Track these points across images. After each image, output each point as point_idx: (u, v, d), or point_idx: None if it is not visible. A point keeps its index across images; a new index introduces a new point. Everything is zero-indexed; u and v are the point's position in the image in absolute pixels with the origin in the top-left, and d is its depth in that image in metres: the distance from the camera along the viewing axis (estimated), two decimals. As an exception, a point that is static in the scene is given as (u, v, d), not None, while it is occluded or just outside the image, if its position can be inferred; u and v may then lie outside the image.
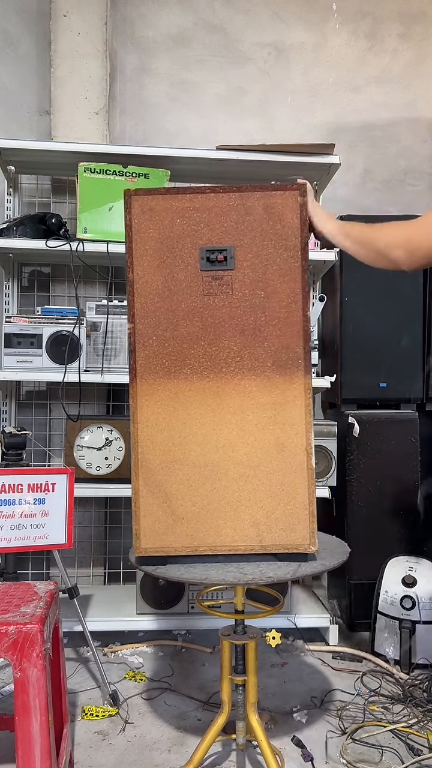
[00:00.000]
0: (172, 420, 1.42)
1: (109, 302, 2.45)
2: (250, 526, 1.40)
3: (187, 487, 1.42)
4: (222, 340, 1.42)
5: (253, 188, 1.44)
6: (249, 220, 1.42)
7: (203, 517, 1.41)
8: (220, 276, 1.42)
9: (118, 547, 2.87)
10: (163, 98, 3.05)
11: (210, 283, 1.43)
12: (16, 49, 2.91)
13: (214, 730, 1.54)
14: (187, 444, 1.42)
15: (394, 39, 3.16)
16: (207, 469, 1.41)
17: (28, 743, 1.27)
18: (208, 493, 1.41)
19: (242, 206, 1.43)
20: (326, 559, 1.45)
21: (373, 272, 2.57)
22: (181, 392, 1.42)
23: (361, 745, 1.80)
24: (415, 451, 2.56)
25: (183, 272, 1.44)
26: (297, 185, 1.44)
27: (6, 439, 2.00)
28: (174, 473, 1.42)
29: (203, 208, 1.44)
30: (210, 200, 1.43)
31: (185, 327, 1.43)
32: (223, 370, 1.41)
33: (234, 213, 1.43)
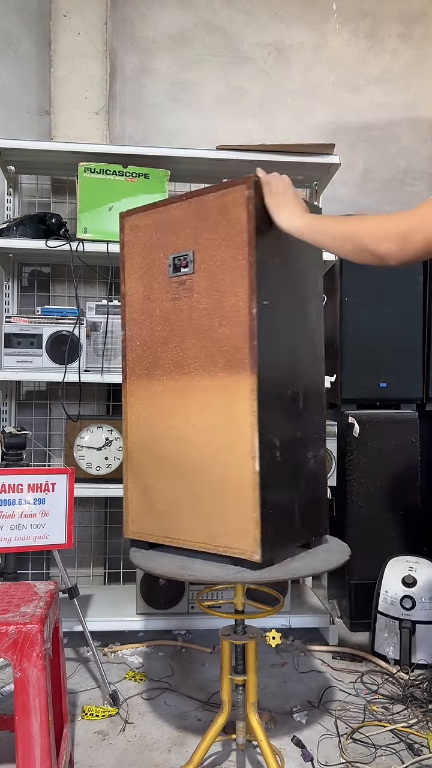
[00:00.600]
0: (150, 418, 1.54)
1: (109, 302, 2.45)
2: (205, 524, 1.43)
3: (159, 481, 1.52)
4: (185, 341, 1.48)
5: (209, 190, 1.43)
6: (206, 224, 1.44)
7: (170, 510, 1.50)
8: (184, 281, 1.48)
9: (118, 547, 2.87)
10: (163, 98, 3.06)
11: (177, 288, 1.50)
12: (16, 49, 2.91)
13: (214, 730, 1.54)
14: (161, 440, 1.51)
15: (394, 39, 3.16)
16: (175, 466, 1.49)
17: (28, 743, 1.27)
18: (174, 488, 1.49)
19: (201, 210, 1.45)
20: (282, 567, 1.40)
21: (373, 272, 2.58)
22: (156, 392, 1.53)
23: (361, 745, 1.80)
24: (415, 451, 2.56)
25: (158, 280, 1.54)
26: (245, 179, 1.38)
27: (6, 439, 2.00)
28: (150, 467, 1.54)
29: (171, 218, 1.51)
30: (176, 209, 1.50)
31: (159, 331, 1.53)
32: (185, 371, 1.47)
33: (194, 218, 1.46)
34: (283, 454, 1.42)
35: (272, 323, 1.41)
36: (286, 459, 1.43)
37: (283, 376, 1.43)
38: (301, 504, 1.48)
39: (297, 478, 1.47)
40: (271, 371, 1.39)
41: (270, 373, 1.39)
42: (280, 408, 1.42)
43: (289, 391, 1.44)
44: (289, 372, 1.45)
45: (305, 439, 1.49)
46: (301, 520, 1.48)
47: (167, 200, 1.52)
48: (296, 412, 1.47)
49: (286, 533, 1.44)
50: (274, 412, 1.40)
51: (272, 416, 1.39)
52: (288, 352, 1.45)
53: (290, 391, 1.44)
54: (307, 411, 1.49)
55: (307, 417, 1.50)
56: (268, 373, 1.38)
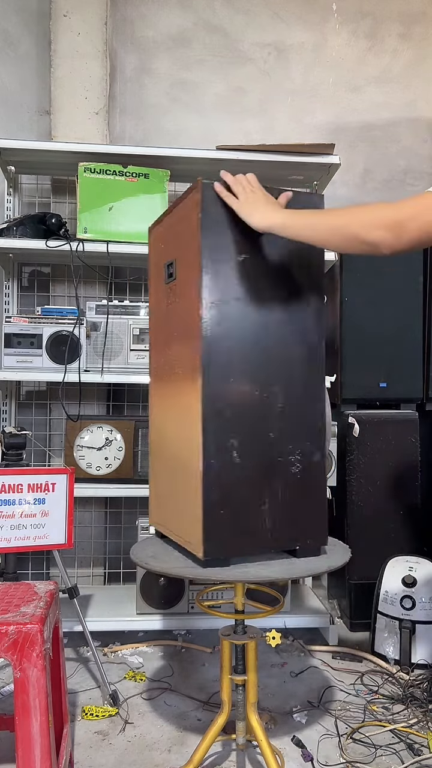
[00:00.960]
0: (160, 416, 1.62)
1: (109, 302, 2.45)
2: (182, 520, 1.49)
3: (162, 476, 1.61)
4: (173, 346, 1.53)
5: (183, 196, 1.46)
6: (186, 229, 1.45)
7: (166, 503, 1.59)
8: (172, 287, 1.54)
9: (118, 547, 2.87)
10: (163, 98, 3.06)
11: (169, 295, 1.56)
12: (16, 49, 2.91)
13: (214, 730, 1.54)
14: (164, 438, 1.60)
15: (394, 39, 3.16)
16: (170, 463, 1.56)
17: (28, 743, 1.27)
18: (168, 483, 1.57)
19: (185, 217, 1.47)
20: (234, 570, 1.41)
21: (373, 272, 2.58)
22: (164, 393, 1.60)
23: (361, 745, 1.80)
24: (415, 451, 2.56)
25: (161, 287, 1.61)
26: (195, 184, 1.39)
27: (6, 439, 2.00)
28: (158, 463, 1.64)
29: (169, 225, 1.56)
30: (172, 217, 1.54)
31: (162, 335, 1.60)
32: (176, 373, 1.52)
33: (180, 224, 1.49)
34: (246, 455, 1.42)
35: (233, 324, 1.41)
36: (251, 460, 1.43)
37: (249, 378, 1.42)
38: (277, 507, 1.44)
39: (269, 480, 1.45)
40: (227, 373, 1.40)
41: (226, 376, 1.40)
42: (244, 409, 1.42)
43: (258, 392, 1.43)
44: (259, 373, 1.43)
45: (284, 440, 1.45)
46: (278, 524, 1.44)
47: (171, 206, 1.56)
48: (270, 413, 1.44)
49: (249, 535, 1.43)
50: (233, 413, 1.40)
51: (228, 418, 1.40)
52: (260, 352, 1.43)
53: (260, 392, 1.43)
54: (290, 412, 1.45)
55: (290, 418, 1.45)
56: (223, 375, 1.39)
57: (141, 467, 2.48)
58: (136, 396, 2.93)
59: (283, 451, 1.45)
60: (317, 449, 1.49)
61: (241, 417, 1.42)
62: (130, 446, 2.47)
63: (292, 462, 1.46)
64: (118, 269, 2.87)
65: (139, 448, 2.48)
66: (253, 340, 1.43)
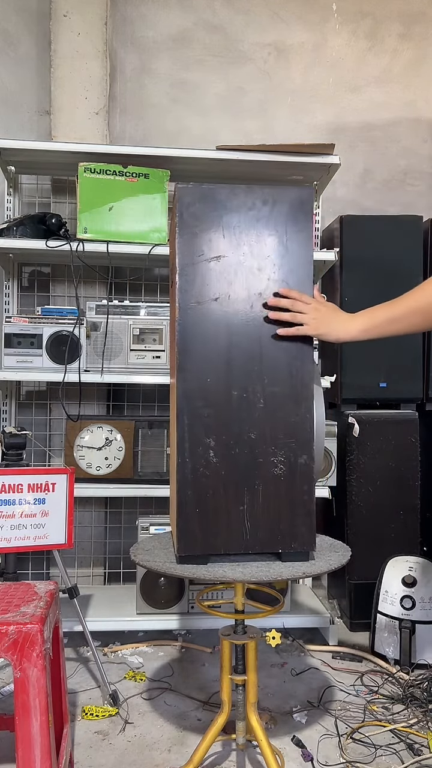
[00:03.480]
0: (171, 414, 1.65)
1: (109, 302, 2.45)
2: (171, 517, 1.58)
3: (171, 474, 1.63)
4: (172, 347, 1.61)
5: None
6: (172, 234, 1.54)
7: (171, 500, 1.63)
8: (171, 290, 1.62)
9: (118, 547, 2.87)
10: (164, 98, 3.06)
11: (173, 297, 1.62)
12: (16, 49, 2.91)
13: (214, 730, 1.54)
14: (171, 436, 1.63)
15: (394, 39, 3.16)
16: (172, 461, 1.61)
17: (28, 743, 1.27)
18: (171, 481, 1.62)
19: (172, 221, 1.56)
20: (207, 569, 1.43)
21: (373, 272, 2.58)
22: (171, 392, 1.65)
23: (361, 745, 1.80)
24: (415, 451, 2.56)
25: (171, 291, 1.69)
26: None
27: (6, 439, 2.00)
28: (170, 460, 1.72)
29: (171, 230, 1.64)
30: (171, 221, 1.59)
31: (171, 337, 1.67)
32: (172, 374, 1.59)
33: (171, 229, 1.58)
34: (223, 455, 1.42)
35: (210, 325, 1.43)
36: (229, 460, 1.43)
37: (226, 377, 1.42)
38: (257, 509, 1.43)
39: (249, 481, 1.44)
40: (202, 373, 1.42)
41: (201, 375, 1.42)
42: (220, 409, 1.42)
43: (237, 392, 1.43)
44: (238, 373, 1.43)
45: (265, 441, 1.43)
46: (259, 526, 1.43)
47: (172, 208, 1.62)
48: (250, 414, 1.43)
49: (228, 536, 1.43)
50: (210, 412, 1.42)
51: (204, 418, 1.42)
52: (239, 352, 1.43)
53: (239, 392, 1.43)
54: (271, 412, 1.44)
55: (272, 419, 1.43)
56: (199, 375, 1.41)
57: (141, 467, 2.48)
58: (136, 396, 2.93)
59: (265, 453, 1.43)
60: (303, 452, 1.44)
61: (219, 417, 1.42)
62: (130, 446, 2.47)
63: (275, 464, 1.44)
64: (118, 269, 2.87)
65: (139, 448, 2.48)
66: (231, 341, 1.43)
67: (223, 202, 1.45)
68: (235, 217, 1.45)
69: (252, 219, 1.44)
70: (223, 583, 1.74)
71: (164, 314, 2.48)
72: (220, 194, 1.45)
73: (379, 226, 2.59)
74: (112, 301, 2.46)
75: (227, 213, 1.45)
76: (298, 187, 1.46)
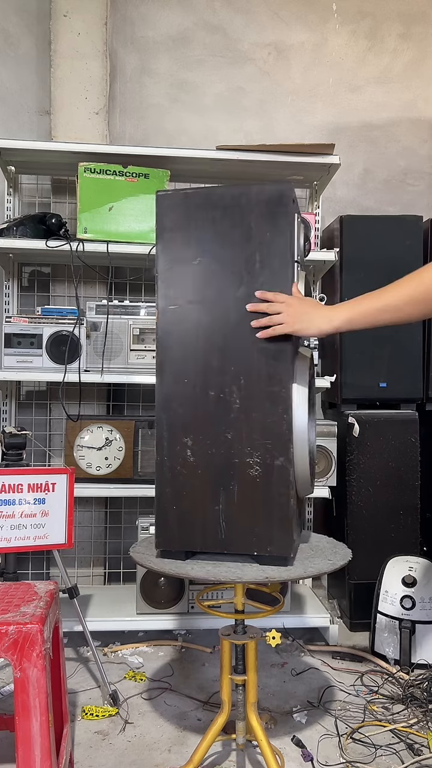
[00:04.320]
0: None
1: (109, 302, 2.45)
2: None
3: None
4: None
5: None
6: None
7: None
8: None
9: (118, 547, 2.87)
10: (163, 98, 3.06)
11: None
12: (16, 49, 2.91)
13: (214, 730, 1.54)
14: None
15: (394, 39, 3.16)
16: None
17: (28, 743, 1.27)
18: None
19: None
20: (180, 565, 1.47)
21: (373, 272, 2.58)
22: None
23: (361, 745, 1.80)
24: (415, 451, 2.56)
25: None
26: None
27: (6, 439, 2.00)
28: None
29: None
30: None
31: None
32: None
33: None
34: (200, 454, 1.44)
35: (189, 326, 1.46)
36: (206, 460, 1.44)
37: (201, 378, 1.45)
38: (232, 509, 1.44)
39: (225, 481, 1.45)
40: (180, 374, 1.46)
41: (180, 376, 1.46)
42: (199, 409, 1.45)
43: (214, 392, 1.44)
44: (215, 373, 1.44)
45: (241, 441, 1.43)
46: (235, 526, 1.44)
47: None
48: (227, 414, 1.44)
49: (204, 534, 1.45)
50: (187, 412, 1.46)
51: (182, 417, 1.46)
52: (216, 353, 1.44)
53: (216, 392, 1.44)
54: (247, 413, 1.43)
55: (248, 420, 1.43)
56: (177, 375, 1.46)
57: (141, 467, 2.48)
58: (136, 396, 2.93)
59: (241, 453, 1.43)
60: (280, 453, 1.41)
61: (196, 417, 1.45)
62: (130, 446, 2.47)
63: (250, 464, 1.43)
64: (118, 269, 2.87)
65: (139, 448, 2.48)
66: (209, 342, 1.45)
67: (199, 206, 1.47)
68: (211, 221, 1.46)
69: (228, 221, 1.45)
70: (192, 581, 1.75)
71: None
72: (196, 199, 1.47)
73: (379, 226, 2.59)
74: (112, 301, 2.46)
75: (203, 217, 1.46)
76: (275, 184, 1.43)
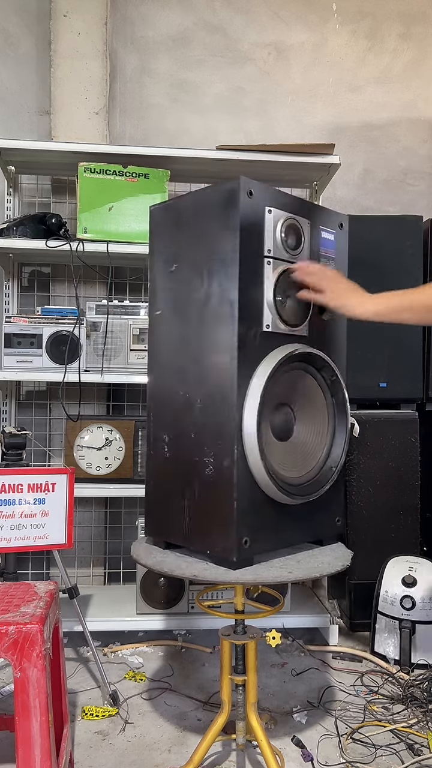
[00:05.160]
0: None
1: (109, 302, 2.45)
2: None
3: None
4: None
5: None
6: None
7: None
8: None
9: (118, 547, 2.87)
10: (164, 98, 3.05)
11: None
12: (16, 49, 2.91)
13: (214, 730, 1.54)
14: None
15: (394, 39, 3.16)
16: None
17: (28, 743, 1.27)
18: None
19: None
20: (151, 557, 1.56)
21: (373, 272, 2.58)
22: None
23: (361, 745, 1.80)
24: (415, 451, 2.56)
25: None
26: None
27: (6, 439, 2.00)
28: None
29: None
30: None
31: None
32: None
33: None
34: (173, 450, 1.53)
35: (166, 330, 1.55)
36: (177, 456, 1.52)
37: (175, 379, 1.53)
38: (193, 507, 1.49)
39: (189, 479, 1.49)
40: (161, 375, 1.58)
41: (161, 376, 1.58)
42: (173, 408, 1.54)
43: (181, 392, 1.52)
44: (181, 374, 1.52)
45: (200, 440, 1.46)
46: (195, 524, 1.49)
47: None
48: (191, 413, 1.49)
49: (175, 528, 1.54)
50: (165, 411, 1.56)
51: (161, 415, 1.57)
52: (184, 355, 1.51)
53: (183, 392, 1.51)
54: (205, 412, 1.46)
55: (204, 418, 1.46)
56: (159, 376, 1.58)
57: (141, 467, 2.48)
58: (136, 396, 2.93)
59: (200, 452, 1.48)
60: (226, 454, 1.41)
61: (170, 415, 1.54)
62: (130, 446, 2.47)
63: (206, 464, 1.46)
64: (118, 269, 2.87)
65: (139, 448, 2.48)
66: (180, 344, 1.53)
67: (175, 215, 1.56)
68: (184, 228, 1.53)
69: (193, 226, 1.52)
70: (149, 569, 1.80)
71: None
72: (171, 210, 1.56)
73: (379, 226, 2.59)
74: (112, 301, 2.46)
75: (178, 225, 1.55)
76: (227, 182, 1.44)
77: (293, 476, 1.55)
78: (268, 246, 1.47)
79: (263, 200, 1.46)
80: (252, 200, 1.43)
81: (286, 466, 1.54)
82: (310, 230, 1.58)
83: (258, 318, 1.46)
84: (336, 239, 1.67)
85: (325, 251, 1.63)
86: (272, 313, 1.48)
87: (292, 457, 1.57)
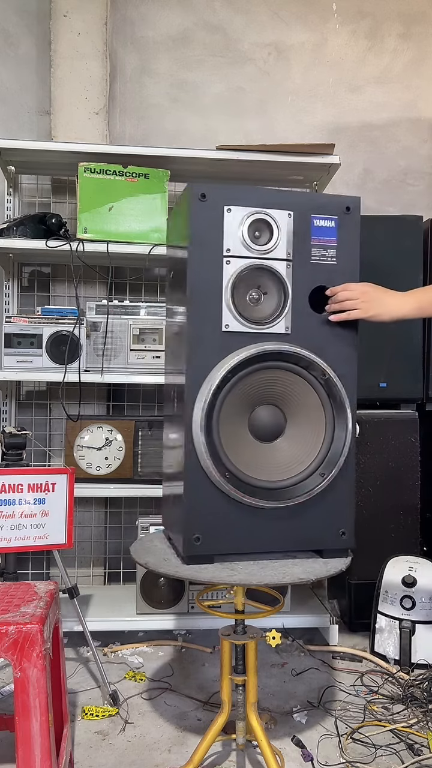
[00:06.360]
0: None
1: (109, 302, 2.45)
2: None
3: None
4: None
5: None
6: None
7: None
8: None
9: (118, 547, 2.87)
10: (163, 98, 3.05)
11: None
12: (16, 49, 2.91)
13: (214, 730, 1.54)
14: None
15: (394, 39, 3.16)
16: None
17: (28, 743, 1.27)
18: None
19: None
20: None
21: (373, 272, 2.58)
22: None
23: (361, 745, 1.80)
24: (415, 451, 2.56)
25: None
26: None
27: (6, 439, 2.00)
28: None
29: None
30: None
31: None
32: None
33: None
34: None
35: (177, 332, 1.61)
36: (167, 447, 1.69)
37: (177, 377, 1.59)
38: (171, 503, 1.64)
39: (172, 471, 1.63)
40: (168, 374, 1.70)
41: (168, 376, 1.70)
42: (174, 404, 1.61)
43: (172, 392, 1.62)
44: (172, 376, 1.64)
45: (179, 436, 1.52)
46: (173, 520, 1.60)
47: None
48: (178, 409, 1.55)
49: (171, 520, 1.63)
50: (166, 408, 1.69)
51: (170, 409, 1.67)
52: (173, 357, 1.64)
53: (173, 392, 1.61)
54: (179, 413, 1.53)
55: (181, 413, 1.49)
56: (170, 375, 1.68)
57: (141, 467, 2.48)
58: (136, 396, 2.93)
59: (172, 446, 1.65)
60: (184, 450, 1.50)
61: (173, 410, 1.63)
62: (130, 446, 2.47)
63: (176, 456, 1.58)
64: (118, 269, 2.87)
65: (139, 448, 2.48)
66: (177, 346, 1.62)
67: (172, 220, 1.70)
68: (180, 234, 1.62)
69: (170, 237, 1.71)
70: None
71: (164, 314, 2.48)
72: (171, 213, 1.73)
73: (379, 226, 2.59)
74: (112, 301, 2.46)
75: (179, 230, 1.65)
76: (188, 185, 1.48)
77: (274, 479, 1.47)
78: (227, 245, 1.45)
79: (222, 200, 1.46)
80: (206, 203, 1.44)
81: (266, 468, 1.46)
82: (293, 221, 1.51)
83: (215, 319, 1.46)
84: (340, 225, 1.56)
85: (318, 240, 1.55)
86: (231, 312, 1.46)
87: (275, 459, 1.49)
